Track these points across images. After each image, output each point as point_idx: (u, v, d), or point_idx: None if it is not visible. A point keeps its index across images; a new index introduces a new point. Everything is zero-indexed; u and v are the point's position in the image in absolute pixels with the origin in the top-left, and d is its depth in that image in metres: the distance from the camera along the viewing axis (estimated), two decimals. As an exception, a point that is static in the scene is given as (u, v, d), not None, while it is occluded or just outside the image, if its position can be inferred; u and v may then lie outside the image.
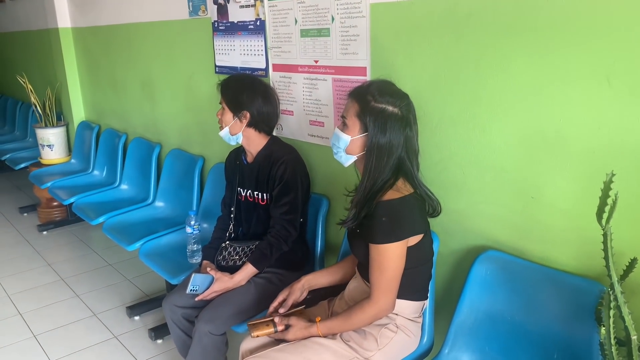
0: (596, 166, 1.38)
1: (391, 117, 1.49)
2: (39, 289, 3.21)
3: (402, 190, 1.51)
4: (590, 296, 1.41)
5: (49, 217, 4.24)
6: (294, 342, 1.61)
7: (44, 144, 4.25)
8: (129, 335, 2.70)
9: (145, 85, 3.44)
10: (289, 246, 2.02)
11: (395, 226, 1.48)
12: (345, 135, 1.55)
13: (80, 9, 4.02)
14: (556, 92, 1.42)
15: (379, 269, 1.50)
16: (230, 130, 2.06)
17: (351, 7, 1.90)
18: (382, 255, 1.49)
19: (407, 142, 1.52)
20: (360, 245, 1.59)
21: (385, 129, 1.48)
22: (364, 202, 1.53)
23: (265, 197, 2.08)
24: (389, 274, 1.50)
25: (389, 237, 1.48)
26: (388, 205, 1.48)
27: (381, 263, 1.50)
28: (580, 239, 1.46)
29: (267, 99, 2.06)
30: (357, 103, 1.53)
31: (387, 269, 1.49)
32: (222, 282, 1.97)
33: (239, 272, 1.99)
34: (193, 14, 2.76)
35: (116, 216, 3.05)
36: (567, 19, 1.35)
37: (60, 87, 4.40)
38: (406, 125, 1.50)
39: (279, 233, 2.00)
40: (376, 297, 1.52)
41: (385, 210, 1.48)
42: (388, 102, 1.49)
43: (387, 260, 1.49)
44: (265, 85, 2.11)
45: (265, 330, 1.66)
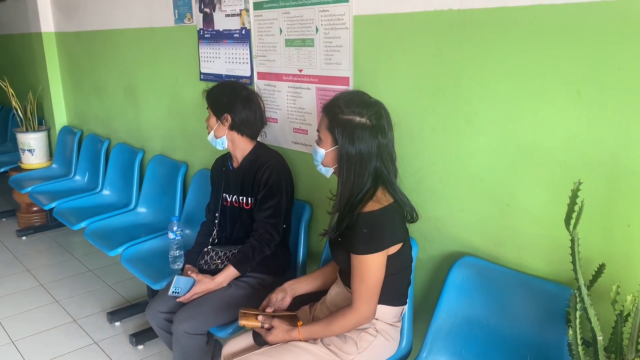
0: (567, 175, 1.44)
1: (359, 127, 1.52)
2: (17, 295, 3.18)
3: (381, 201, 1.55)
4: (561, 300, 1.46)
5: (29, 222, 4.20)
6: (276, 345, 1.64)
7: (25, 148, 4.22)
8: (110, 341, 2.69)
9: (129, 91, 3.45)
10: (271, 250, 2.05)
11: (375, 237, 1.52)
12: (320, 149, 1.61)
13: (64, 14, 4.01)
14: (530, 104, 1.48)
15: (360, 278, 1.54)
16: (215, 133, 2.11)
17: (335, 19, 1.95)
18: (363, 265, 1.53)
19: (381, 150, 1.54)
20: (342, 253, 1.62)
21: (353, 140, 1.52)
22: (344, 212, 1.57)
23: (250, 202, 2.11)
24: (370, 283, 1.54)
25: (370, 248, 1.51)
26: (369, 217, 1.52)
27: (362, 272, 1.53)
28: (552, 245, 1.52)
29: (248, 103, 2.10)
30: (326, 117, 1.58)
31: (368, 279, 1.53)
32: (203, 283, 1.99)
33: (220, 273, 2.02)
34: (179, 21, 2.79)
35: (98, 221, 3.04)
36: (541, 34, 1.42)
37: (42, 92, 4.38)
38: (377, 133, 1.53)
39: (262, 236, 2.03)
40: (357, 305, 1.55)
41: (366, 221, 1.52)
42: (355, 112, 1.53)
43: (368, 270, 1.53)
44: (249, 90, 2.15)
45: (252, 322, 1.70)
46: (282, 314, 1.75)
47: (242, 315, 1.72)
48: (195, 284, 1.98)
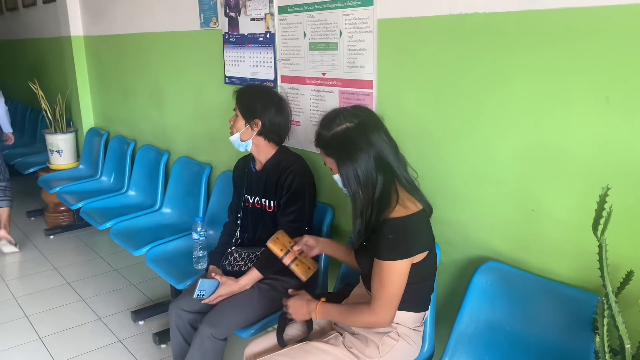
0: (594, 181, 1.42)
1: (344, 134, 1.54)
2: (45, 292, 3.25)
3: (409, 207, 1.53)
4: (588, 307, 1.44)
5: (56, 221, 4.29)
6: (297, 346, 1.64)
7: (53, 149, 4.32)
8: (134, 340, 2.74)
9: (154, 93, 3.51)
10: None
11: (401, 244, 1.51)
12: (336, 176, 1.60)
13: (93, 18, 4.10)
14: (556, 108, 1.47)
15: (380, 284, 1.54)
16: (240, 136, 2.12)
17: (359, 22, 1.96)
18: (386, 271, 1.52)
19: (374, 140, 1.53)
20: (366, 257, 1.62)
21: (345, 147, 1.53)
22: (369, 217, 1.55)
23: (273, 205, 2.12)
24: (391, 290, 1.53)
25: (394, 254, 1.50)
26: (395, 223, 1.50)
27: (384, 278, 1.53)
28: (578, 251, 1.50)
29: (280, 110, 2.12)
30: (320, 149, 1.62)
31: (389, 285, 1.53)
32: (228, 285, 2.01)
33: (244, 276, 2.03)
34: (204, 25, 2.83)
35: (123, 221, 3.10)
36: (568, 38, 1.41)
37: (70, 94, 4.48)
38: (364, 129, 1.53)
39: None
40: (375, 308, 1.55)
41: (392, 227, 1.50)
42: (333, 126, 1.56)
43: (390, 276, 1.52)
44: (280, 97, 2.17)
45: (277, 249, 1.85)
46: (306, 258, 1.89)
47: (274, 240, 1.85)
48: (220, 285, 2.00)
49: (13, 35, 6.01)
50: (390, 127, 1.61)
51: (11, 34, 6.06)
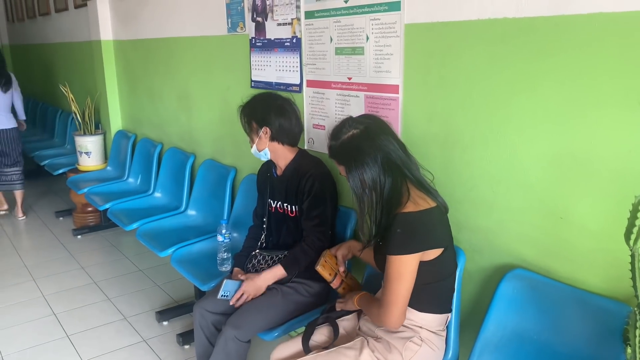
0: (626, 189, 1.39)
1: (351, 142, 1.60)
2: (72, 291, 3.32)
3: (420, 203, 1.55)
4: (618, 318, 1.41)
5: (84, 222, 4.38)
6: (323, 352, 1.64)
7: (82, 151, 4.40)
8: (158, 340, 2.77)
9: (182, 97, 3.56)
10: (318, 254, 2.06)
11: (409, 239, 1.51)
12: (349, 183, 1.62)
13: (122, 23, 4.18)
14: (587, 114, 1.44)
15: (388, 280, 1.54)
16: (257, 147, 2.15)
17: (386, 27, 1.96)
18: (393, 267, 1.53)
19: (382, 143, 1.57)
20: (382, 258, 1.62)
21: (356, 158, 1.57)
22: (380, 216, 1.57)
23: (295, 210, 2.13)
24: (397, 287, 1.53)
25: (401, 249, 1.51)
26: (404, 218, 1.52)
27: (391, 274, 1.53)
28: (608, 260, 1.47)
29: (281, 111, 2.12)
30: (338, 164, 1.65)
31: (396, 281, 1.52)
32: (251, 280, 2.04)
33: (268, 270, 2.06)
34: (232, 30, 2.87)
35: (149, 223, 3.14)
36: (600, 42, 1.38)
37: (99, 97, 4.57)
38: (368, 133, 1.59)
39: (313, 243, 2.05)
40: (383, 305, 1.56)
41: (401, 222, 1.52)
42: (340, 135, 1.62)
43: (397, 271, 1.52)
44: (282, 98, 2.16)
45: (326, 273, 1.87)
46: (352, 280, 1.95)
47: (322, 264, 1.87)
48: (244, 282, 2.02)
49: (45, 40, 6.17)
50: (416, 132, 1.61)
51: (43, 38, 6.22)
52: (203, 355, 2.13)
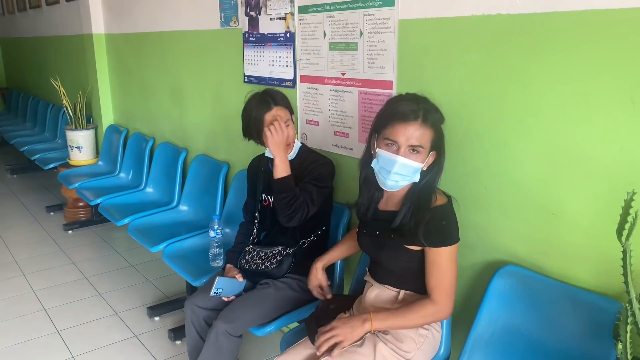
0: (617, 185, 1.39)
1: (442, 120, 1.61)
2: (63, 286, 3.30)
3: (443, 198, 1.60)
4: (609, 314, 1.42)
5: (75, 216, 4.35)
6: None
7: (73, 145, 4.37)
8: (149, 335, 2.76)
9: (174, 91, 3.54)
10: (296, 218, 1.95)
11: (453, 229, 1.58)
12: (416, 163, 1.54)
13: (114, 16, 4.15)
14: (580, 111, 1.45)
15: (441, 272, 1.56)
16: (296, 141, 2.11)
17: (380, 23, 1.95)
18: (444, 258, 1.56)
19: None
20: (394, 251, 1.63)
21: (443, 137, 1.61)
22: (410, 208, 1.59)
23: None
24: (452, 276, 1.57)
25: (451, 239, 1.56)
26: (443, 210, 1.57)
27: (443, 266, 1.56)
28: (600, 256, 1.47)
29: None
30: (430, 129, 1.54)
31: (450, 271, 1.57)
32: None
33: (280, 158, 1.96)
34: (225, 24, 2.85)
35: (141, 218, 3.13)
36: (593, 39, 1.38)
37: (91, 91, 4.53)
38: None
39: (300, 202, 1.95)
40: (439, 298, 1.56)
41: (443, 213, 1.56)
42: (434, 106, 1.58)
43: (450, 262, 1.56)
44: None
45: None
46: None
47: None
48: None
49: (36, 33, 6.11)
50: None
51: (34, 32, 6.16)
52: (194, 351, 2.12)
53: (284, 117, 2.01)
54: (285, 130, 1.98)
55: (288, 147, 2.04)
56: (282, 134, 1.96)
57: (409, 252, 1.61)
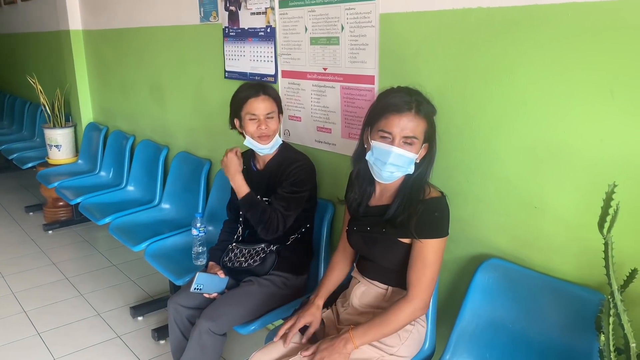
0: (599, 177, 1.40)
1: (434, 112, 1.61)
2: (43, 288, 3.24)
3: (436, 191, 1.60)
4: (591, 305, 1.43)
5: (55, 216, 4.28)
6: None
7: (52, 144, 4.29)
8: (132, 335, 2.73)
9: (154, 88, 3.49)
10: (270, 234, 1.99)
11: (445, 222, 1.57)
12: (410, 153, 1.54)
13: (92, 12, 4.08)
14: (561, 104, 1.45)
15: (422, 265, 1.54)
16: (278, 135, 2.09)
17: (361, 17, 1.94)
18: (430, 250, 1.54)
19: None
20: (384, 245, 1.62)
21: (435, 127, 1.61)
22: (404, 201, 1.58)
23: None
24: (433, 270, 1.55)
25: (440, 231, 1.55)
26: (436, 202, 1.56)
27: (427, 258, 1.54)
28: (581, 248, 1.48)
29: None
30: (424, 120, 1.54)
31: (432, 265, 1.55)
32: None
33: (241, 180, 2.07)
34: (204, 19, 2.81)
35: (122, 217, 3.08)
36: (573, 32, 1.39)
37: (69, 89, 4.45)
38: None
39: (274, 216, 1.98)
40: (415, 293, 1.54)
41: (437, 205, 1.56)
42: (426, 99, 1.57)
43: (434, 255, 1.55)
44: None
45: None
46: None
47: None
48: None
49: (11, 29, 5.98)
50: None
51: (9, 28, 6.03)
52: (178, 350, 2.09)
53: (268, 108, 2.03)
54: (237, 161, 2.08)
55: (267, 139, 2.04)
56: (236, 162, 2.07)
57: (401, 246, 1.60)
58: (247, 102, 2.03)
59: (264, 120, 2.02)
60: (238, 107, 2.06)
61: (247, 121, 2.03)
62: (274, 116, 2.05)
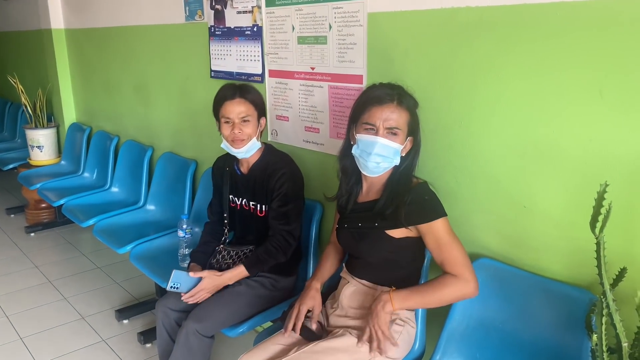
0: (587, 176, 1.40)
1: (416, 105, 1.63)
2: (25, 292, 3.17)
3: (418, 179, 1.62)
4: (581, 304, 1.43)
5: (37, 218, 4.20)
6: (305, 349, 1.55)
7: (34, 145, 4.22)
8: (118, 339, 2.68)
9: (139, 88, 3.44)
10: (287, 257, 2.00)
11: (438, 202, 1.56)
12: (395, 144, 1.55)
13: (74, 11, 4.01)
14: (549, 103, 1.45)
15: (449, 243, 1.53)
16: (256, 139, 2.01)
17: (349, 16, 1.93)
18: (440, 231, 1.53)
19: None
20: (377, 240, 1.61)
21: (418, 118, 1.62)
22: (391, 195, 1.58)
23: (264, 209, 2.06)
24: (460, 248, 1.54)
25: (441, 211, 1.54)
26: (423, 187, 1.58)
27: (445, 239, 1.53)
28: (571, 248, 1.49)
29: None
30: (406, 110, 1.57)
31: (453, 242, 1.54)
32: (211, 279, 1.94)
33: (230, 270, 1.97)
34: (189, 18, 2.77)
35: (107, 219, 3.03)
36: (562, 32, 1.39)
37: (51, 88, 4.38)
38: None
39: (279, 244, 1.97)
40: (462, 272, 1.51)
41: (423, 191, 1.57)
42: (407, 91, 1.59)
43: (450, 235, 1.54)
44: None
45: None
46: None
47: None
48: (203, 280, 1.94)
49: (-9, 28, 5.86)
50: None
51: (-11, 27, 5.91)
52: (165, 353, 2.06)
53: (243, 112, 1.96)
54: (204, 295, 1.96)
55: (241, 143, 1.98)
56: (208, 295, 1.96)
57: (390, 241, 1.59)
58: (222, 104, 1.98)
59: (238, 124, 1.96)
60: (215, 109, 2.02)
61: (222, 124, 1.99)
62: (250, 120, 1.97)
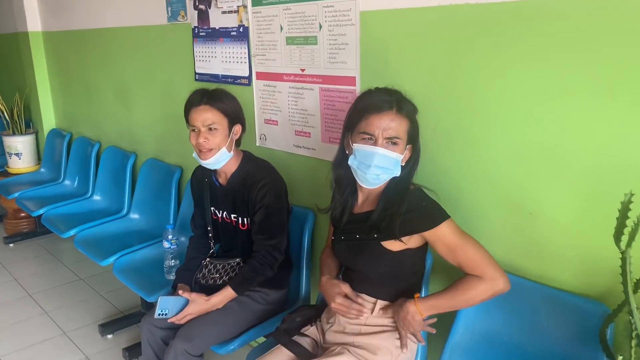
0: (599, 182, 1.33)
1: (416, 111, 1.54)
2: (4, 306, 3.05)
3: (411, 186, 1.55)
4: (593, 317, 1.36)
5: (16, 228, 4.06)
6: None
7: (12, 152, 4.08)
8: (102, 355, 2.57)
9: (120, 92, 3.32)
10: (274, 271, 1.90)
11: (436, 205, 1.49)
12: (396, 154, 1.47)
13: (52, 13, 3.88)
14: (556, 104, 1.38)
15: (462, 246, 1.44)
16: (227, 150, 1.86)
17: (340, 15, 1.84)
18: (452, 234, 1.45)
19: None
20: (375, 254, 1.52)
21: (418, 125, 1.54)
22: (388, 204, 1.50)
23: (246, 222, 1.96)
24: (477, 247, 1.45)
25: (442, 215, 1.46)
26: (416, 194, 1.51)
27: (457, 243, 1.44)
28: (581, 256, 1.41)
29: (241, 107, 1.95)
30: (406, 118, 1.47)
31: (471, 243, 1.45)
32: (197, 304, 1.83)
33: (217, 294, 1.86)
34: (172, 19, 2.67)
35: (88, 229, 2.91)
36: (569, 28, 1.31)
37: (29, 93, 4.24)
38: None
39: (265, 260, 1.87)
40: (490, 269, 1.42)
41: (419, 197, 1.50)
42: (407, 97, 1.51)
43: (461, 236, 1.45)
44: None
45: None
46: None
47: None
48: (189, 303, 1.84)
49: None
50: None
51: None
52: (151, 372, 1.96)
53: (209, 119, 1.82)
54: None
55: (208, 153, 1.84)
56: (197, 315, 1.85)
57: (388, 255, 1.51)
58: (189, 111, 1.86)
59: (204, 133, 1.83)
60: (185, 115, 1.89)
61: (190, 132, 1.86)
62: (218, 128, 1.83)
